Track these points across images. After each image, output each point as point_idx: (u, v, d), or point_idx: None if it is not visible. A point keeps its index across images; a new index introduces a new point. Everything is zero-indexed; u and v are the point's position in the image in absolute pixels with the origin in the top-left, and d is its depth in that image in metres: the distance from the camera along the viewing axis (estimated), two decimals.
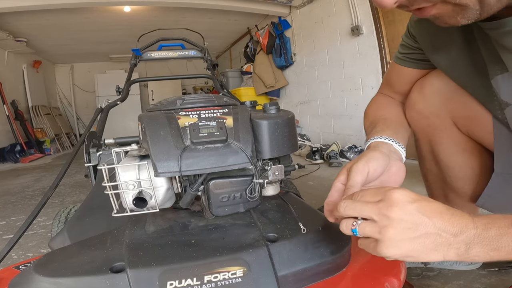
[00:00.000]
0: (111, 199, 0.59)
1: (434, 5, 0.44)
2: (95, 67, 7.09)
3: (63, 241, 0.69)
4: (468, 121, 0.75)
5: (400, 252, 0.41)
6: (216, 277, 0.49)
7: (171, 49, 1.84)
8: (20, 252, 1.26)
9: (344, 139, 3.34)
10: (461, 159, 0.80)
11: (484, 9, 0.42)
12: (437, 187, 0.89)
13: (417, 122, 0.82)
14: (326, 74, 3.63)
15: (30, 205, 2.07)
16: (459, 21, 0.44)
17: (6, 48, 4.84)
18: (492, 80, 0.60)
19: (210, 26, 4.94)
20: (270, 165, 0.63)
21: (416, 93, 0.79)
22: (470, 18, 0.44)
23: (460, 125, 0.78)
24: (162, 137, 0.57)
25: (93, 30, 4.77)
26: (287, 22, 4.18)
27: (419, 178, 0.95)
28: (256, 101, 0.78)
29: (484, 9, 0.42)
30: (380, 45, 2.86)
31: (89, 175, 1.02)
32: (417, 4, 0.44)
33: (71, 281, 0.48)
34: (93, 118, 1.28)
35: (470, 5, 0.41)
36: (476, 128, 0.74)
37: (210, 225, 0.64)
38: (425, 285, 0.88)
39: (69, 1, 3.38)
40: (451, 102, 0.75)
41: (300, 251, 0.55)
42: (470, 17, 0.43)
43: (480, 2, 0.41)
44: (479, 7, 0.41)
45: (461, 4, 0.41)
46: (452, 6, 0.42)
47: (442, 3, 0.43)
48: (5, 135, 4.73)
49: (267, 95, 4.51)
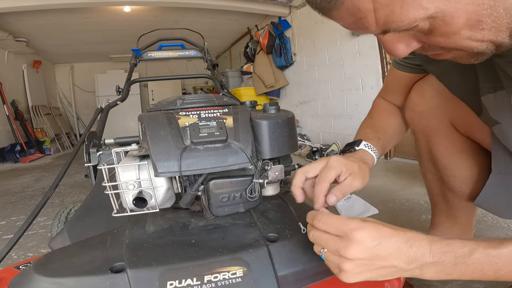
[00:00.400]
0: (111, 199, 0.59)
1: (450, 51, 0.42)
2: (95, 67, 7.09)
3: (63, 241, 0.69)
4: (466, 122, 0.76)
5: (358, 280, 0.46)
6: (216, 277, 0.49)
7: (171, 49, 1.84)
8: (20, 252, 1.26)
9: (344, 139, 3.34)
10: (458, 159, 0.81)
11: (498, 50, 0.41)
12: (435, 186, 0.90)
13: (417, 123, 0.83)
14: (326, 74, 3.63)
15: (30, 205, 2.07)
16: (471, 62, 0.43)
17: (6, 48, 4.84)
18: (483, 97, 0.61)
19: (210, 26, 4.94)
20: (270, 165, 0.63)
21: (415, 95, 0.81)
22: (481, 60, 0.43)
23: (458, 126, 0.79)
24: (162, 137, 0.57)
25: (93, 30, 4.77)
26: (287, 22, 4.18)
27: (419, 178, 0.96)
28: (256, 101, 0.78)
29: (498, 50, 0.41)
30: (380, 45, 2.86)
31: (89, 175, 1.02)
32: (432, 51, 0.43)
33: (71, 281, 0.48)
34: (93, 118, 1.28)
35: (487, 52, 0.40)
36: (474, 129, 0.76)
37: (210, 225, 0.64)
38: (425, 285, 0.88)
39: (69, 1, 3.38)
40: (450, 103, 0.76)
41: (300, 251, 0.55)
42: (483, 59, 0.43)
43: (497, 48, 0.40)
44: (494, 49, 0.40)
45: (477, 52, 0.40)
46: (467, 53, 0.41)
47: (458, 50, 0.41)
48: (5, 135, 4.73)
49: (267, 95, 4.51)
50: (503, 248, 0.42)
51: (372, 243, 0.44)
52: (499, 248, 0.42)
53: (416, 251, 0.44)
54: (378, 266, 0.45)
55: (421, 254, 0.44)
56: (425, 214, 1.39)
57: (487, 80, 0.58)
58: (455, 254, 0.43)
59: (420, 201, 1.56)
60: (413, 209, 1.47)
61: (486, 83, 0.59)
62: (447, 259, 0.43)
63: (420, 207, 1.48)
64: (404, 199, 1.63)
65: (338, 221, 0.47)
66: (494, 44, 0.39)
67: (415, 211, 1.45)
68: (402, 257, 0.44)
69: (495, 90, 0.57)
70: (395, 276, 0.46)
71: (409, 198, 1.62)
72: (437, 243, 0.44)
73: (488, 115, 0.61)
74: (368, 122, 0.82)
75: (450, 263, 0.43)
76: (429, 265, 0.44)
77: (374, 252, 0.44)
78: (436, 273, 0.44)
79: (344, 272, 0.45)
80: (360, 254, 0.44)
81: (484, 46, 0.39)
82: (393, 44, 0.41)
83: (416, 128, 0.85)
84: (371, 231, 0.44)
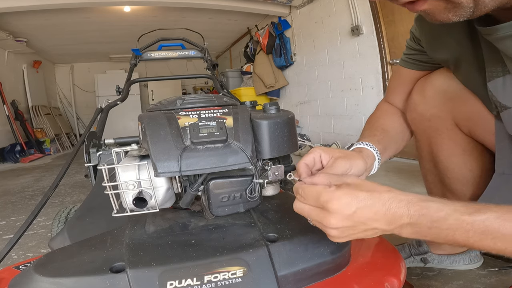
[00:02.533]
0: (111, 199, 0.59)
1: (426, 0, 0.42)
2: (95, 67, 7.09)
3: (63, 241, 0.69)
4: (470, 122, 0.75)
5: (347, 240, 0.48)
6: (216, 277, 0.49)
7: (171, 49, 1.84)
8: (20, 252, 1.26)
9: (344, 139, 3.34)
10: (460, 160, 0.80)
11: (477, 7, 0.40)
12: (435, 187, 0.89)
13: (418, 123, 0.82)
14: (326, 74, 3.63)
15: (30, 205, 2.07)
16: (450, 18, 0.43)
17: (6, 48, 4.84)
18: (489, 83, 0.60)
19: (210, 26, 4.94)
20: (270, 165, 0.63)
21: (417, 95, 0.79)
22: (462, 16, 0.42)
23: (461, 126, 0.77)
24: (162, 137, 0.57)
25: (93, 30, 4.77)
26: (287, 22, 4.18)
27: (419, 178, 0.96)
28: (256, 101, 0.78)
29: (477, 7, 0.40)
30: (380, 45, 2.86)
31: (89, 175, 1.02)
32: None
33: (71, 281, 0.48)
34: (93, 118, 1.28)
35: (464, 3, 0.40)
36: (478, 128, 0.74)
37: (210, 225, 0.64)
38: (425, 285, 0.88)
39: (69, 1, 3.38)
40: (453, 102, 0.75)
41: (300, 251, 0.55)
42: (462, 15, 0.42)
43: (475, 1, 0.40)
44: (473, 5, 0.40)
45: (454, 2, 0.40)
46: (444, 2, 0.41)
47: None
48: (5, 135, 4.73)
49: (267, 95, 4.51)
50: (478, 216, 0.41)
51: (349, 211, 0.45)
52: (474, 215, 0.41)
53: (394, 212, 0.44)
54: (361, 230, 0.46)
55: (399, 216, 0.44)
56: None
57: (495, 64, 0.57)
58: (431, 217, 0.43)
59: None
60: None
61: (494, 67, 0.58)
62: (423, 222, 0.43)
63: None
64: None
65: (315, 193, 0.48)
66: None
67: None
68: (381, 220, 0.45)
69: (504, 73, 0.57)
70: (380, 234, 0.48)
71: None
72: (416, 204, 0.44)
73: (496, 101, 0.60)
74: (366, 125, 0.81)
75: (425, 226, 0.43)
76: (407, 226, 0.44)
77: (353, 219, 0.45)
78: (412, 233, 0.45)
79: (332, 237, 0.48)
80: (340, 223, 0.45)
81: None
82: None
83: (417, 129, 0.83)
84: (345, 199, 0.45)
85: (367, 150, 0.67)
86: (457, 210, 0.42)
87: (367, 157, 0.65)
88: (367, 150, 0.67)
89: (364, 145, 0.68)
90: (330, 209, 0.45)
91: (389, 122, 0.82)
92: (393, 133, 0.79)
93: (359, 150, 0.67)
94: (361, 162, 0.61)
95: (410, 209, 0.44)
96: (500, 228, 0.40)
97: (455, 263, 0.94)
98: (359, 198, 0.45)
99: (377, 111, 0.86)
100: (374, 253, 0.65)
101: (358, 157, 0.62)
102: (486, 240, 0.41)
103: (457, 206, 0.43)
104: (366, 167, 0.63)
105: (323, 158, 0.59)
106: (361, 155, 0.64)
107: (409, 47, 0.77)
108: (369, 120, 0.83)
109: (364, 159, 0.63)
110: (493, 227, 0.40)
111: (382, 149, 0.70)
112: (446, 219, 0.42)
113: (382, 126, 0.78)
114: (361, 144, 0.69)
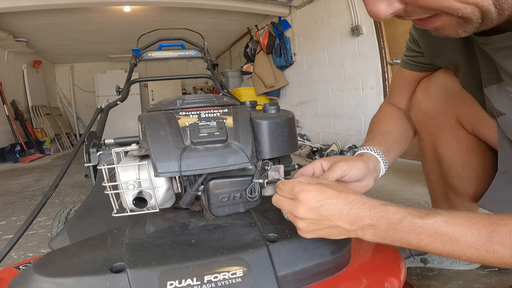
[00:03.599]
0: (111, 199, 0.59)
1: (439, 16, 0.42)
2: (95, 67, 7.09)
3: (63, 241, 0.69)
4: (474, 120, 0.75)
5: (314, 237, 0.51)
6: (216, 277, 0.49)
7: (171, 49, 1.84)
8: (20, 252, 1.26)
9: (344, 139, 3.34)
10: (464, 159, 0.80)
11: (484, 23, 0.41)
12: (438, 186, 0.89)
13: (422, 122, 0.82)
14: (326, 74, 3.63)
15: (30, 205, 2.07)
16: (459, 34, 0.43)
17: (6, 48, 4.84)
18: (486, 89, 0.60)
19: (210, 26, 4.94)
20: (270, 165, 0.63)
21: (421, 93, 0.80)
22: (469, 31, 0.43)
23: (465, 124, 0.78)
24: (162, 137, 0.57)
25: (93, 30, 4.77)
26: (287, 22, 4.18)
27: (419, 178, 0.96)
28: (256, 101, 0.78)
29: (484, 23, 0.41)
30: (380, 45, 2.86)
31: (89, 175, 1.02)
32: (416, 15, 0.42)
33: (71, 281, 0.48)
34: (93, 118, 1.28)
35: (473, 19, 0.40)
36: (482, 126, 0.75)
37: (210, 225, 0.64)
38: (425, 285, 0.88)
39: (69, 1, 3.38)
40: (457, 101, 0.75)
41: (300, 251, 0.55)
42: (470, 30, 0.42)
43: (483, 17, 0.39)
44: (481, 20, 0.40)
45: (464, 17, 0.40)
46: (456, 18, 0.41)
47: (447, 15, 0.41)
48: (5, 135, 4.73)
49: (267, 95, 4.51)
50: (428, 219, 0.43)
51: (316, 204, 0.48)
52: (425, 219, 0.44)
53: (357, 213, 0.47)
54: (325, 226, 0.49)
55: (361, 217, 0.46)
56: None
57: (490, 71, 0.58)
58: (388, 220, 0.45)
59: (420, 201, 1.56)
60: None
61: (489, 74, 0.58)
62: (382, 224, 0.46)
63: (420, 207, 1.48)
64: (404, 199, 1.63)
65: (290, 186, 0.51)
66: (479, 9, 0.38)
67: None
68: (344, 218, 0.47)
69: (498, 81, 0.57)
70: (343, 236, 0.50)
71: (409, 198, 1.62)
72: (377, 207, 0.47)
73: (492, 106, 0.61)
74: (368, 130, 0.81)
75: (384, 228, 0.46)
76: (368, 228, 0.47)
77: (318, 213, 0.48)
78: (373, 236, 0.47)
79: (300, 229, 0.51)
80: (306, 214, 0.48)
81: (470, 10, 0.38)
82: (375, 3, 0.41)
83: (421, 127, 0.83)
84: (314, 193, 0.48)
85: (367, 154, 0.68)
86: (411, 213, 0.45)
87: (367, 159, 0.66)
88: (368, 153, 0.69)
89: (364, 150, 0.70)
90: (300, 199, 0.49)
91: (391, 124, 0.82)
92: (396, 134, 0.79)
93: (360, 155, 0.69)
94: (361, 163, 0.63)
95: (371, 211, 0.46)
96: (447, 231, 0.42)
97: (455, 263, 0.94)
98: (327, 194, 0.48)
99: (379, 113, 0.86)
100: (374, 253, 0.65)
101: (358, 159, 0.64)
102: (436, 242, 0.43)
103: (411, 210, 0.46)
104: (369, 168, 0.64)
105: (324, 166, 0.62)
106: (361, 158, 0.65)
107: (409, 48, 0.77)
108: (371, 124, 0.83)
109: (365, 161, 0.64)
110: (441, 230, 0.43)
111: (385, 151, 0.71)
112: (401, 221, 0.45)
113: (384, 129, 0.79)
114: (361, 149, 0.70)
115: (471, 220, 0.42)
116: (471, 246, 0.41)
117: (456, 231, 0.42)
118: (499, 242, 0.40)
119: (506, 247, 0.39)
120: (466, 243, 0.41)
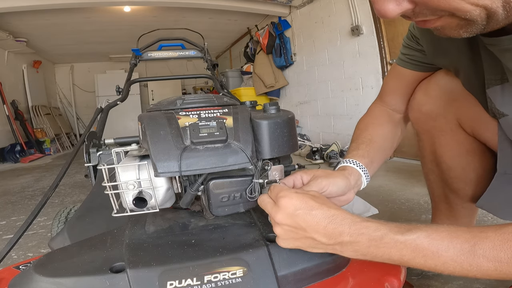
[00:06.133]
0: (111, 199, 0.59)
1: (440, 17, 0.41)
2: (95, 67, 7.09)
3: (63, 241, 0.69)
4: (474, 122, 0.75)
5: (291, 246, 0.51)
6: (216, 277, 0.49)
7: (171, 49, 1.84)
8: (20, 252, 1.26)
9: (344, 139, 3.34)
10: (464, 160, 0.80)
11: (489, 25, 0.39)
12: (437, 187, 0.89)
13: (422, 123, 0.81)
14: (326, 74, 3.63)
15: (30, 205, 2.07)
16: (460, 34, 0.42)
17: (6, 48, 4.84)
18: (488, 90, 0.60)
19: (210, 26, 4.94)
20: (270, 165, 0.63)
21: (421, 94, 0.79)
22: (472, 32, 0.41)
23: (465, 126, 0.77)
24: (162, 137, 0.57)
25: (93, 30, 4.77)
26: (287, 22, 4.18)
27: (419, 178, 0.96)
28: (256, 101, 0.78)
29: (489, 25, 0.39)
30: (380, 45, 2.86)
31: (89, 175, 1.02)
32: (422, 16, 0.41)
33: (71, 281, 0.48)
34: (93, 118, 1.28)
35: (478, 21, 0.39)
36: (482, 128, 0.74)
37: (210, 225, 0.64)
38: (425, 285, 0.88)
39: (69, 1, 3.38)
40: (457, 102, 0.75)
41: (300, 251, 0.55)
42: (473, 32, 0.41)
43: (488, 18, 0.38)
44: (486, 22, 0.39)
45: (468, 19, 0.39)
46: (458, 20, 0.40)
47: (449, 16, 0.40)
48: (5, 135, 4.73)
49: (267, 95, 4.51)
50: (409, 235, 0.43)
51: (293, 212, 0.47)
52: (406, 235, 0.43)
53: (335, 228, 0.46)
54: (301, 236, 0.48)
55: (339, 232, 0.46)
56: (425, 214, 1.39)
57: (494, 72, 0.57)
58: (369, 236, 0.45)
59: (420, 201, 1.56)
60: (413, 209, 1.47)
61: (493, 75, 0.58)
62: (362, 240, 0.45)
63: (420, 207, 1.48)
64: (404, 199, 1.63)
65: (276, 190, 0.52)
66: (487, 12, 0.37)
67: (415, 211, 1.45)
68: (321, 231, 0.46)
69: (502, 81, 0.57)
70: (320, 250, 0.49)
71: (409, 198, 1.63)
72: (357, 224, 0.46)
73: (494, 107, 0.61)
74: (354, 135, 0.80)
75: (364, 244, 0.45)
76: (347, 244, 0.46)
77: (295, 221, 0.47)
78: (353, 252, 0.46)
79: (277, 237, 0.51)
80: (284, 219, 0.48)
81: (477, 12, 0.37)
82: (383, 1, 0.40)
83: (420, 129, 0.82)
84: (295, 201, 0.48)
85: (350, 168, 0.68)
86: (392, 230, 0.45)
87: (349, 175, 0.66)
88: (350, 168, 0.68)
89: (347, 163, 0.69)
90: (280, 204, 0.49)
91: (377, 131, 0.80)
92: (381, 142, 0.78)
93: (342, 169, 0.68)
94: (341, 180, 0.62)
95: (351, 228, 0.46)
96: (429, 246, 0.42)
97: None
98: (308, 204, 0.48)
99: (367, 116, 0.84)
100: None
101: (339, 175, 0.63)
102: (418, 257, 0.43)
103: (392, 226, 0.45)
104: (349, 184, 0.64)
105: (304, 179, 0.62)
106: (342, 173, 0.65)
107: (408, 46, 0.76)
108: (357, 129, 0.81)
109: (346, 176, 0.64)
110: (423, 245, 0.42)
111: (368, 163, 0.70)
112: (382, 238, 0.44)
113: (369, 137, 0.77)
114: (345, 162, 0.70)
115: (452, 234, 0.42)
116: (453, 260, 0.41)
117: (438, 246, 0.42)
118: (482, 255, 0.39)
119: (489, 260, 0.39)
120: (448, 258, 0.41)
